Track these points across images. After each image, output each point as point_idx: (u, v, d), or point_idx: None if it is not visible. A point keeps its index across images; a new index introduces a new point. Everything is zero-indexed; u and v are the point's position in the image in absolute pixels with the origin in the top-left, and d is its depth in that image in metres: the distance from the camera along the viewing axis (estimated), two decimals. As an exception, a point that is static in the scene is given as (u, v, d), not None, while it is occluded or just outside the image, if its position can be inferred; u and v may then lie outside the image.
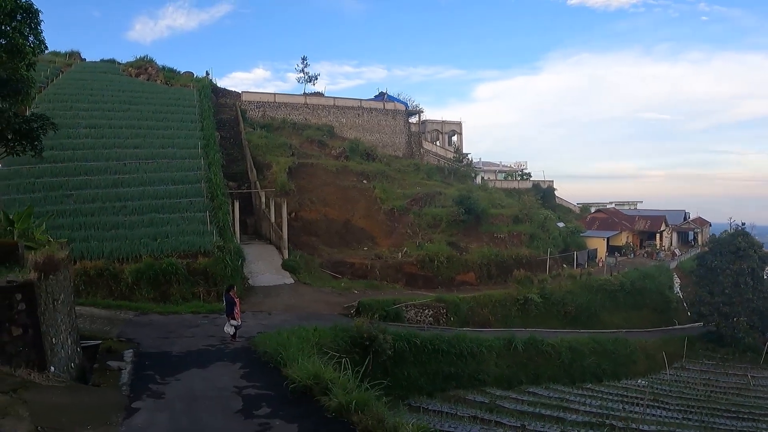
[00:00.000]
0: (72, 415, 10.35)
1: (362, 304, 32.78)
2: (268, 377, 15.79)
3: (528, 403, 29.07)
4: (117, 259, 31.42)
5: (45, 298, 12.44)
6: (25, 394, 10.13)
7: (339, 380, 13.10)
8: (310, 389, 13.32)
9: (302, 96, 73.54)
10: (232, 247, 33.45)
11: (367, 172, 60.43)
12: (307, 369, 13.73)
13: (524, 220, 58.39)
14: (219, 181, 41.34)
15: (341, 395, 12.10)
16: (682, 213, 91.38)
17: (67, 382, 12.49)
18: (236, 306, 21.31)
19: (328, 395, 12.50)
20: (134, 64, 68.69)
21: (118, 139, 45.82)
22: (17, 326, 11.50)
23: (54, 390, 11.21)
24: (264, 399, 13.78)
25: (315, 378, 13.31)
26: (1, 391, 9.94)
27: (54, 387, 11.37)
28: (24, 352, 11.53)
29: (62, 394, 11.20)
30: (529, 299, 41.79)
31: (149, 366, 17.12)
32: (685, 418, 30.34)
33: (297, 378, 13.68)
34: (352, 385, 12.88)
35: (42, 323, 11.89)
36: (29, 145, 18.06)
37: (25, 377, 11.00)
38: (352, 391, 12.33)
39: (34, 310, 11.63)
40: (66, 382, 12.39)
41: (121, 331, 22.44)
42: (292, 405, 13.10)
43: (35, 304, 11.67)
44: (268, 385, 14.92)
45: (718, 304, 47.70)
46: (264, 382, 15.33)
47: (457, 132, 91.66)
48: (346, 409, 11.77)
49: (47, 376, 11.62)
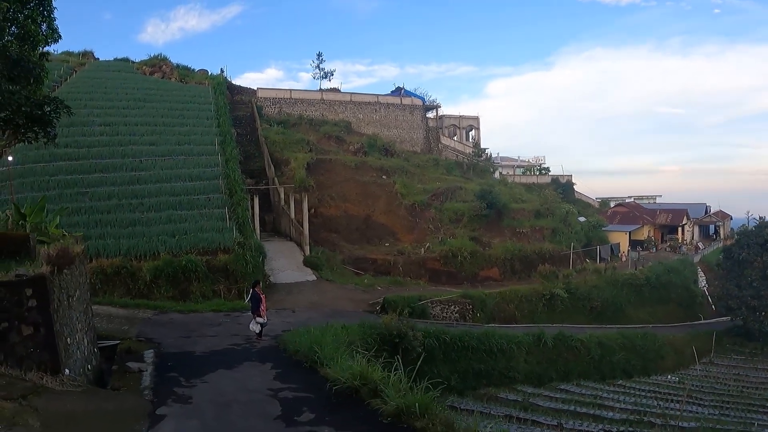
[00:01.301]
0: (89, 424, 9.38)
1: (387, 300, 31.90)
2: (304, 378, 14.65)
3: (562, 400, 28.20)
4: (134, 257, 30.67)
5: (58, 294, 11.39)
6: (36, 401, 9.14)
7: (390, 380, 11.88)
8: (355, 391, 12.07)
9: (318, 92, 72.76)
10: (252, 243, 32.68)
11: (386, 168, 59.56)
12: (352, 369, 12.50)
13: (546, 215, 57.69)
14: (237, 176, 40.54)
15: (397, 398, 10.89)
16: (703, 206, 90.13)
17: (83, 386, 11.40)
18: (262, 303, 20.45)
19: (379, 398, 11.29)
20: (148, 63, 68.02)
21: (134, 136, 45.07)
22: (28, 325, 10.44)
23: (69, 395, 10.19)
24: (304, 403, 12.59)
25: (362, 379, 12.08)
26: (10, 397, 8.91)
27: (69, 392, 10.35)
28: (35, 353, 10.50)
29: (78, 400, 10.16)
30: (555, 294, 40.96)
31: (172, 367, 16.11)
32: (722, 414, 29.42)
33: (340, 379, 12.45)
34: (404, 385, 11.68)
35: (55, 321, 10.84)
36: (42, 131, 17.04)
37: (36, 381, 10.01)
38: (406, 392, 11.17)
39: (46, 307, 10.59)
40: (82, 386, 11.31)
41: (140, 330, 21.58)
42: (338, 409, 11.87)
43: (48, 300, 10.63)
44: (305, 387, 13.77)
45: (746, 298, 46.39)
46: (301, 383, 14.18)
47: (475, 127, 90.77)
48: (406, 414, 10.56)
49: (61, 379, 10.59)
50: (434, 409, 10.53)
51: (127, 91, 55.40)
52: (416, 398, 10.70)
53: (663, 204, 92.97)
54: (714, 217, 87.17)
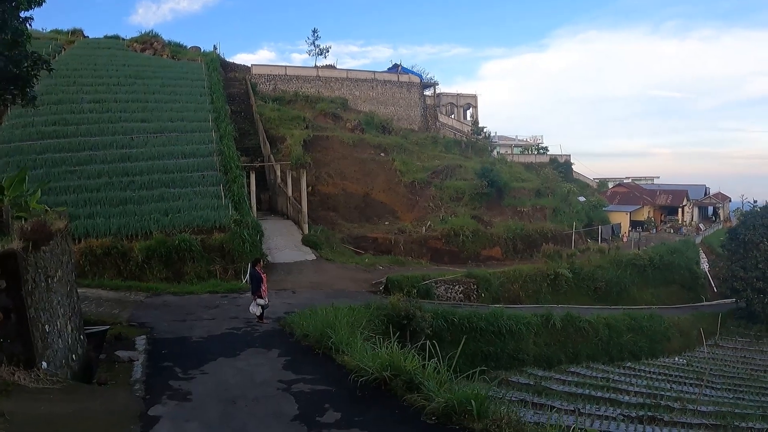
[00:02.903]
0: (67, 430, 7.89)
1: (390, 280, 30.71)
2: (319, 367, 13.12)
3: (575, 384, 27.26)
4: (125, 237, 29.16)
5: (34, 274, 9.91)
6: (4, 404, 7.65)
7: (427, 371, 10.36)
8: (385, 383, 10.59)
9: (314, 69, 71.18)
10: (249, 221, 31.26)
11: (384, 145, 58.28)
12: (380, 357, 10.91)
13: (546, 194, 56.83)
14: (232, 153, 39.02)
15: (443, 393, 9.38)
16: (702, 188, 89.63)
17: (64, 381, 9.92)
18: (263, 282, 19.09)
19: (416, 392, 9.83)
20: (139, 40, 65.90)
21: (124, 113, 43.48)
22: (-6, 310, 8.84)
23: (45, 394, 8.72)
24: (325, 398, 10.96)
25: (393, 369, 10.54)
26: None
27: (45, 390, 8.89)
28: (5, 344, 9.01)
29: (56, 400, 8.67)
30: (560, 274, 39.84)
31: (167, 356, 14.61)
32: (737, 398, 28.74)
33: (366, 369, 10.92)
34: (444, 375, 10.22)
35: (29, 306, 9.35)
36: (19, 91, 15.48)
37: (6, 378, 8.53)
38: (450, 385, 9.75)
39: (17, 289, 9.10)
40: (63, 381, 9.82)
41: (131, 314, 20.21)
42: (367, 406, 10.33)
43: (19, 281, 9.14)
44: (323, 379, 12.17)
45: (752, 279, 45.81)
46: (316, 374, 12.60)
47: (473, 105, 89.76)
48: (458, 413, 9.04)
49: (37, 375, 9.11)
50: (494, 407, 9.06)
51: (118, 68, 53.49)
52: (469, 393, 9.20)
53: (662, 185, 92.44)
54: (714, 198, 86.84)
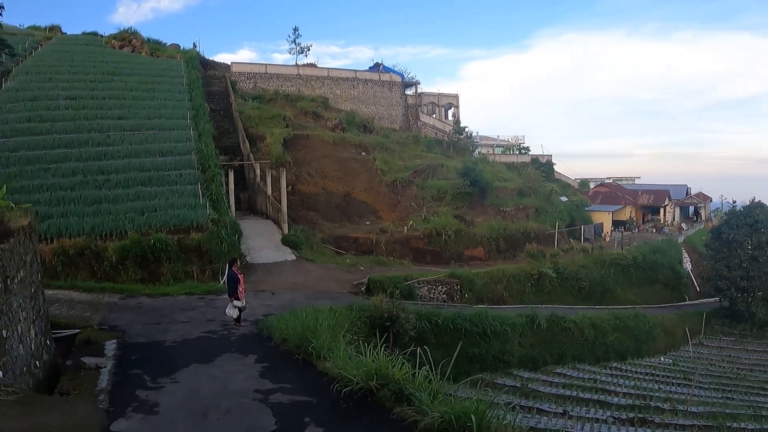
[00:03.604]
0: None
1: (372, 281, 30.01)
2: (298, 375, 12.33)
3: (562, 385, 26.91)
4: (99, 236, 28.16)
5: None
6: None
7: (418, 380, 9.61)
8: (371, 393, 9.79)
9: (295, 67, 70.44)
10: (228, 220, 30.40)
11: (366, 144, 57.78)
12: (365, 364, 10.10)
13: (528, 194, 56.57)
14: (210, 151, 38.24)
15: (437, 405, 8.59)
16: (684, 188, 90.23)
17: (22, 391, 9.02)
18: (240, 283, 18.29)
19: (406, 403, 9.06)
20: (118, 37, 64.86)
21: (101, 110, 42.55)
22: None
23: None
24: (305, 410, 10.15)
25: (380, 377, 9.74)
26: None
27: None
28: None
29: (9, 415, 7.75)
30: (544, 274, 39.58)
31: (137, 362, 13.80)
32: (726, 398, 28.73)
33: (350, 378, 10.10)
34: (437, 385, 9.52)
35: None
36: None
37: None
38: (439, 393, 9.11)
39: None
40: (21, 391, 8.91)
41: (104, 317, 19.25)
42: (352, 420, 9.56)
43: None
44: (303, 388, 11.37)
45: (736, 279, 45.87)
46: (295, 382, 11.80)
47: (454, 105, 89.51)
48: (456, 428, 8.26)
49: None
50: (496, 423, 8.31)
51: (95, 64, 52.62)
52: (468, 406, 8.47)
53: (644, 185, 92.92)
54: (695, 198, 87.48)
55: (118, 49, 61.41)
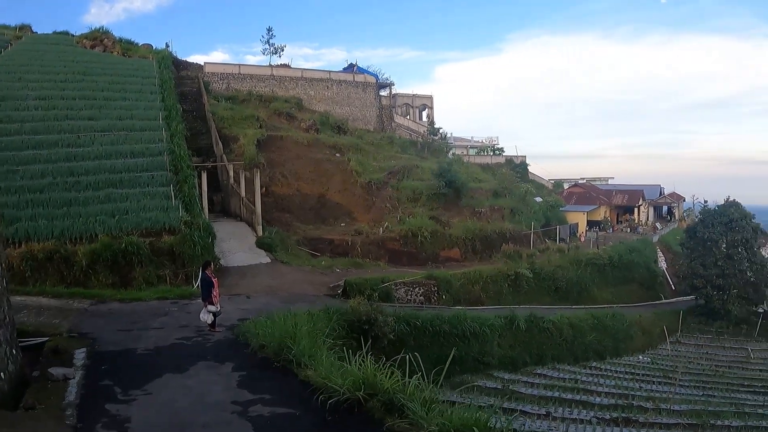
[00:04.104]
0: None
1: (349, 283, 29.62)
2: (279, 384, 11.71)
3: (543, 386, 26.79)
4: (69, 240, 27.43)
5: None
6: None
7: (408, 389, 9.11)
8: (359, 404, 9.20)
9: (268, 67, 69.68)
10: (201, 223, 29.82)
11: (340, 145, 57.25)
12: (351, 373, 9.58)
13: (504, 194, 56.43)
14: (183, 152, 37.54)
15: (434, 418, 8.08)
16: (657, 188, 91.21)
17: None
18: (214, 287, 17.74)
19: (397, 415, 8.53)
20: (89, 36, 63.77)
21: (71, 110, 41.67)
22: None
23: None
24: (288, 423, 9.57)
25: (369, 387, 9.19)
26: None
27: None
28: None
29: None
30: (520, 275, 39.58)
31: (107, 372, 13.10)
32: (707, 395, 28.89)
33: (335, 388, 9.52)
34: (428, 393, 9.04)
35: None
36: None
37: None
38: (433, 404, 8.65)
39: None
40: None
41: (73, 324, 18.55)
42: None
43: None
44: (284, 399, 10.74)
45: (712, 277, 46.49)
46: (276, 392, 11.16)
47: (428, 106, 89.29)
48: None
49: None
50: None
51: (66, 64, 51.65)
52: (468, 418, 7.99)
53: (618, 185, 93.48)
54: (669, 198, 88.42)
55: (90, 49, 60.43)
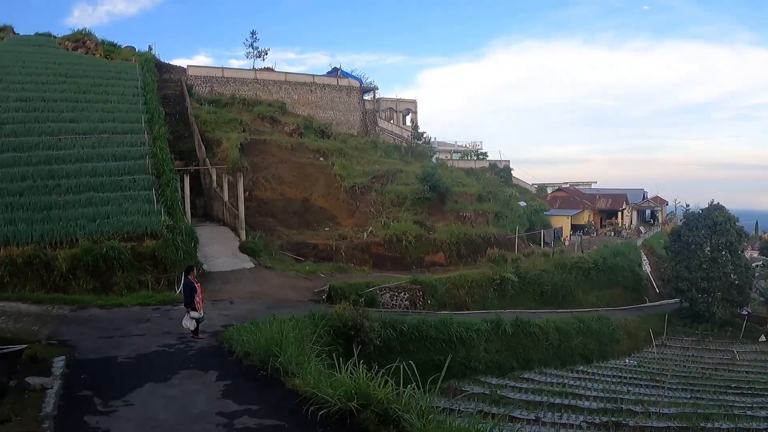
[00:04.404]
0: None
1: (333, 288, 29.34)
2: (265, 394, 11.20)
3: (531, 391, 26.71)
4: (49, 244, 26.92)
5: None
6: None
7: (403, 398, 8.68)
8: (351, 415, 8.77)
9: (252, 71, 69.18)
10: (183, 227, 29.35)
11: (324, 150, 56.81)
12: (343, 383, 9.10)
13: (488, 199, 56.22)
14: (165, 156, 37.07)
15: (430, 430, 7.77)
16: (641, 192, 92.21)
17: None
18: (197, 293, 17.31)
19: (396, 427, 8.14)
20: (71, 38, 62.92)
21: (52, 112, 41.12)
22: None
23: None
24: None
25: (362, 397, 8.76)
26: None
27: None
28: None
29: None
30: (506, 279, 39.43)
31: (86, 382, 12.57)
32: (695, 398, 28.85)
33: (326, 398, 9.05)
34: (425, 402, 8.57)
35: None
36: None
37: None
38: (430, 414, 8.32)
39: None
40: None
41: (53, 330, 18.09)
42: None
43: None
44: (271, 409, 10.23)
45: (697, 280, 46.72)
46: (263, 402, 10.64)
47: (412, 110, 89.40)
48: None
49: None
50: None
51: (48, 65, 50.95)
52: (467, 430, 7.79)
53: (601, 189, 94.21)
54: (652, 202, 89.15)
55: (72, 51, 59.69)
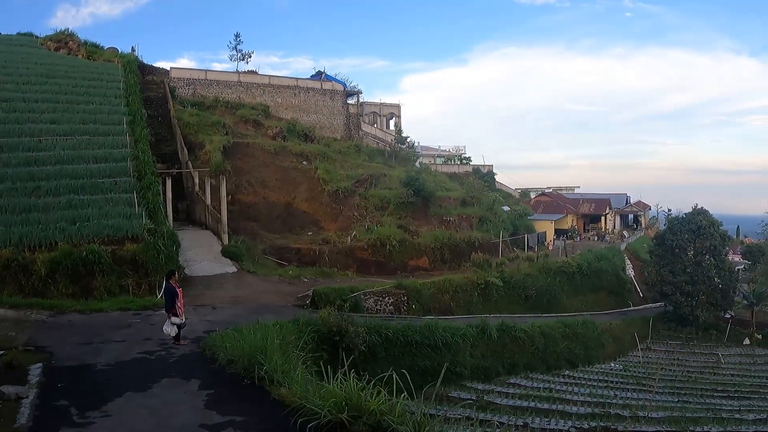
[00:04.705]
0: None
1: (317, 293, 29.07)
2: (251, 404, 10.74)
3: (518, 396, 26.56)
4: (28, 247, 26.45)
5: None
6: None
7: (397, 410, 8.32)
8: (341, 426, 8.30)
9: (235, 73, 68.62)
10: (165, 230, 28.90)
11: (307, 153, 56.35)
12: (333, 393, 8.67)
13: (472, 203, 56.20)
14: (147, 158, 36.61)
15: None
16: (624, 197, 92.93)
17: None
18: (178, 298, 16.88)
19: None
20: (54, 38, 62.22)
21: (33, 113, 40.49)
22: None
23: None
24: None
25: (353, 409, 8.33)
26: None
27: None
28: None
29: None
30: (490, 283, 39.38)
31: (64, 390, 12.04)
32: (682, 401, 28.79)
33: (315, 410, 8.56)
34: (420, 412, 8.31)
35: None
36: None
37: None
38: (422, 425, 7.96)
39: None
40: None
41: (30, 336, 17.64)
42: None
43: None
44: (257, 421, 9.82)
45: (681, 284, 46.83)
46: (248, 414, 10.19)
47: (396, 115, 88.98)
48: None
49: None
50: None
51: (29, 66, 50.16)
52: None
53: (584, 194, 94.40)
54: (635, 207, 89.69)
55: (54, 51, 59.00)
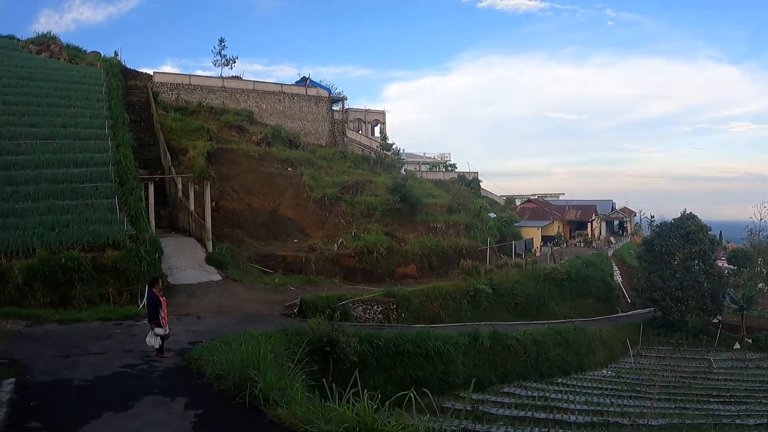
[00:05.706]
0: None
1: (305, 301, 28.23)
2: (244, 428, 9.73)
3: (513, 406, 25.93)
4: (4, 254, 25.48)
5: None
6: None
7: None
8: None
9: (220, 79, 67.75)
10: (147, 237, 27.96)
11: (292, 160, 55.65)
12: (343, 416, 7.71)
13: (458, 210, 55.68)
14: (129, 163, 35.66)
15: None
16: (609, 203, 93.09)
17: None
18: (162, 307, 15.99)
19: None
20: (35, 41, 61.34)
21: (12, 116, 39.48)
22: None
23: None
24: None
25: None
26: None
27: None
28: None
29: None
30: (480, 291, 38.86)
31: (36, 410, 11.02)
32: (680, 408, 28.31)
33: None
34: None
35: None
36: None
37: None
38: None
39: None
40: None
41: (4, 348, 16.67)
42: None
43: None
44: None
45: (670, 289, 46.36)
46: None
47: (381, 121, 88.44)
48: None
49: None
50: None
51: (9, 68, 49.14)
52: None
53: (570, 200, 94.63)
54: (621, 213, 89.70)
55: (36, 54, 58.16)
